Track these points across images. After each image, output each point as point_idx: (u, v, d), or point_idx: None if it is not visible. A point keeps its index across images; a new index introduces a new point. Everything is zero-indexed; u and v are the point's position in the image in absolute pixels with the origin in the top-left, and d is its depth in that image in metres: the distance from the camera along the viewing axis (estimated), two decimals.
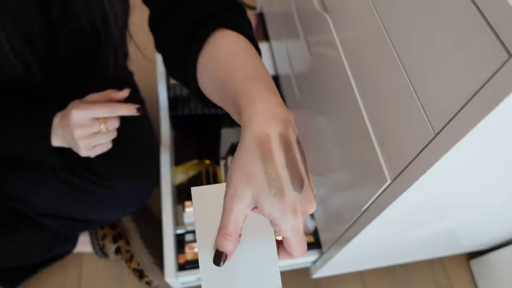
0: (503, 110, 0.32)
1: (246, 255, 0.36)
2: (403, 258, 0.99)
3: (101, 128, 0.58)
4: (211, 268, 0.36)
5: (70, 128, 0.57)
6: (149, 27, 0.55)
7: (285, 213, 0.31)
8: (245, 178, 0.32)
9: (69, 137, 0.58)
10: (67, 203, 0.78)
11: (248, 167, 0.32)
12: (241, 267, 0.36)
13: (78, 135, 0.57)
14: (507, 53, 0.30)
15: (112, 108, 0.58)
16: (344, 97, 0.60)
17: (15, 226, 0.78)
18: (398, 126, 0.47)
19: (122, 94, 0.61)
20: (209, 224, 0.36)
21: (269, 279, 0.36)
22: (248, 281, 0.36)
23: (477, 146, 0.38)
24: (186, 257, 0.84)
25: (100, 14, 0.58)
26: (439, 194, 0.52)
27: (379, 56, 0.49)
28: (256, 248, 0.36)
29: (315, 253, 0.87)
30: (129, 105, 0.59)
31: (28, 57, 0.57)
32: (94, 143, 0.59)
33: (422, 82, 0.42)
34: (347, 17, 0.58)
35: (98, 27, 0.60)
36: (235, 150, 0.34)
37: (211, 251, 0.35)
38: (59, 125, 0.59)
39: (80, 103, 0.57)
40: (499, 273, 0.96)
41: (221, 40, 0.45)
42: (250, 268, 0.36)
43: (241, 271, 0.36)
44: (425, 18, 0.40)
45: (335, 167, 0.69)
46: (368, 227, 0.59)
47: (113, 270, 0.99)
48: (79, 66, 0.69)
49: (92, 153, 0.61)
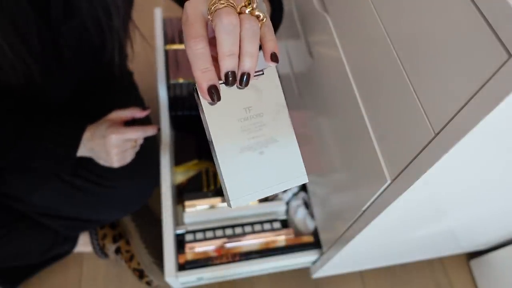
0: (503, 110, 0.32)
1: (268, 152, 0.38)
2: (403, 258, 0.99)
3: (133, 145, 0.71)
4: (234, 166, 0.37)
5: (107, 147, 0.66)
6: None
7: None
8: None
9: (102, 154, 0.68)
10: (67, 203, 0.78)
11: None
12: (263, 165, 0.37)
13: (114, 153, 0.68)
14: (507, 53, 0.30)
15: (144, 132, 0.70)
16: (344, 97, 0.60)
17: (15, 226, 0.78)
18: (398, 126, 0.47)
19: (145, 114, 0.73)
20: (220, 118, 0.37)
21: (294, 169, 0.38)
22: (274, 175, 0.38)
23: (477, 146, 0.38)
24: (186, 257, 0.84)
25: (102, 7, 0.58)
26: (439, 194, 0.52)
27: (379, 56, 0.49)
28: (277, 144, 0.38)
29: (315, 253, 0.87)
30: (154, 126, 0.73)
31: (27, 58, 0.57)
32: (126, 156, 0.71)
33: (422, 82, 0.42)
34: (347, 17, 0.58)
35: (101, 21, 0.60)
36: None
37: (230, 152, 0.37)
38: (89, 140, 0.67)
39: (117, 128, 0.67)
40: (499, 273, 0.96)
41: None
42: (273, 164, 0.38)
43: (264, 168, 0.37)
44: (425, 18, 0.40)
45: (335, 167, 0.69)
46: (368, 227, 0.59)
47: (113, 270, 0.99)
48: (81, 65, 0.69)
49: (122, 163, 0.71)
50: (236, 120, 0.37)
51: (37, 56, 0.58)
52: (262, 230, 0.90)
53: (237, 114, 0.37)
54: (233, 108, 0.37)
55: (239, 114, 0.37)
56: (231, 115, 0.37)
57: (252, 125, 0.37)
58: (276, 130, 0.38)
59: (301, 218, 0.92)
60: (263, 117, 0.38)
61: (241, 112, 0.37)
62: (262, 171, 0.37)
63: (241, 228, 0.90)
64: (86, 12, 0.59)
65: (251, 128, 0.37)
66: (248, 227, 0.90)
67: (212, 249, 0.86)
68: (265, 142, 0.38)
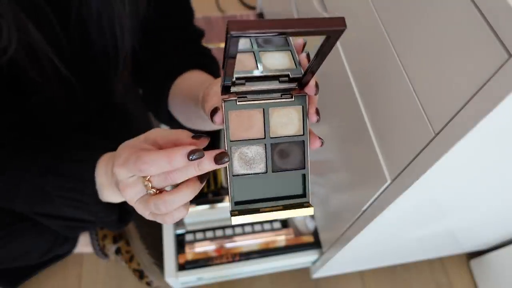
0: (503, 110, 0.32)
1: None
2: (403, 258, 0.99)
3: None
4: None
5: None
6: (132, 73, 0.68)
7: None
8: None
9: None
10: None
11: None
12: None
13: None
14: (507, 53, 0.30)
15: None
16: (344, 97, 0.60)
17: (15, 227, 0.78)
18: (398, 126, 0.47)
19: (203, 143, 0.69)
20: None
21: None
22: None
23: (477, 146, 0.38)
24: (186, 257, 0.84)
25: (110, 34, 0.59)
26: (439, 194, 0.52)
27: (379, 56, 0.49)
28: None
29: (315, 253, 0.87)
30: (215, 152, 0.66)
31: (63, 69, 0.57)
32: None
33: (422, 82, 0.42)
34: (347, 17, 0.57)
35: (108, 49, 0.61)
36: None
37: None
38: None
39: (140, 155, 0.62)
40: (499, 273, 0.96)
41: (188, 75, 0.60)
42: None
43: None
44: (425, 18, 0.40)
45: (335, 167, 0.69)
46: (368, 227, 0.59)
47: (113, 271, 0.99)
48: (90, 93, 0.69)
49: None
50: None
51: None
52: (262, 230, 0.90)
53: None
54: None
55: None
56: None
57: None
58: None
59: (301, 218, 0.92)
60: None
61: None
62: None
63: (241, 228, 0.90)
64: (98, 44, 0.59)
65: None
66: (248, 227, 0.90)
67: (212, 249, 0.86)
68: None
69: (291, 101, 0.36)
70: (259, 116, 0.36)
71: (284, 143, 0.37)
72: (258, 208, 0.37)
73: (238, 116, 0.36)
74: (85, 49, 0.60)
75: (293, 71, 0.35)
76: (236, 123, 0.36)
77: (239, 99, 0.35)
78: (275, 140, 0.36)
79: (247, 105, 0.35)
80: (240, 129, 0.36)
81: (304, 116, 0.37)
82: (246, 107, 0.36)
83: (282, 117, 0.36)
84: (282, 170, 0.37)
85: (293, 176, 0.37)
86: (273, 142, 0.36)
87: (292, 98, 0.36)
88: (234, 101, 0.35)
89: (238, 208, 0.37)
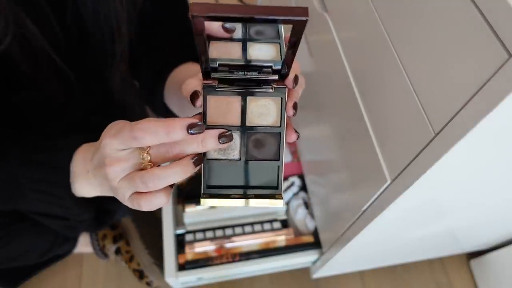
0: (503, 110, 0.32)
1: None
2: (403, 258, 0.99)
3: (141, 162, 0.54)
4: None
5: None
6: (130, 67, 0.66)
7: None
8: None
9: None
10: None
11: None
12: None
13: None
14: (507, 53, 0.30)
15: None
16: (344, 97, 0.60)
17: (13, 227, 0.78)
18: (398, 126, 0.47)
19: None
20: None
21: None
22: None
23: (477, 146, 0.38)
24: (186, 257, 0.84)
25: (108, 28, 0.59)
26: (439, 194, 0.52)
27: (379, 56, 0.49)
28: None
29: (315, 253, 0.87)
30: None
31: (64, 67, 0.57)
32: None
33: (422, 82, 0.42)
34: (347, 17, 0.58)
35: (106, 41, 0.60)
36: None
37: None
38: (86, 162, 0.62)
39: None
40: (499, 273, 0.96)
41: (183, 67, 0.61)
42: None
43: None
44: (425, 18, 0.40)
45: (335, 167, 0.69)
46: (368, 227, 0.59)
47: (113, 271, 0.99)
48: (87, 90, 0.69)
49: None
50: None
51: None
52: (262, 230, 0.90)
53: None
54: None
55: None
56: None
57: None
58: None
59: (301, 218, 0.92)
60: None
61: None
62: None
63: (241, 228, 0.90)
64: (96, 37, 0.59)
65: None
66: (248, 227, 0.90)
67: (212, 249, 0.86)
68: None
69: (270, 92, 0.36)
70: (238, 104, 0.36)
71: (260, 133, 0.37)
72: (229, 194, 0.37)
73: (217, 101, 0.36)
74: (82, 42, 0.60)
75: (277, 63, 0.36)
76: (214, 109, 0.36)
77: (219, 85, 0.36)
78: (252, 129, 0.37)
79: (226, 92, 0.36)
80: (218, 115, 0.36)
81: (282, 108, 0.37)
82: (225, 93, 0.36)
83: (261, 107, 0.37)
84: (256, 159, 0.37)
85: (268, 167, 0.38)
86: (249, 130, 0.37)
87: (271, 90, 0.36)
88: (214, 87, 0.36)
89: (209, 191, 0.37)
